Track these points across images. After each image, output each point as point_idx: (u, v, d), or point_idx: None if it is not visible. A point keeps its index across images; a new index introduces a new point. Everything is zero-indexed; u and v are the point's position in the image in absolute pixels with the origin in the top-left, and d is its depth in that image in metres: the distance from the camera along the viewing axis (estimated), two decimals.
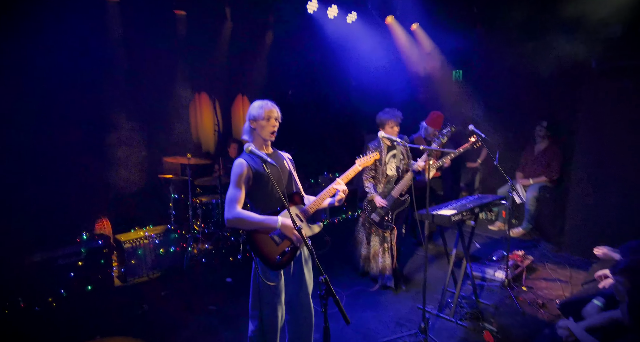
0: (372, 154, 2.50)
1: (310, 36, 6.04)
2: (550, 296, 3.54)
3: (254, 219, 2.08)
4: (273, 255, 2.13)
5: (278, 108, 2.22)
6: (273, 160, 2.08)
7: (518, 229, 5.33)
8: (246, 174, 2.12)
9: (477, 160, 6.12)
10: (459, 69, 6.71)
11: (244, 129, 2.23)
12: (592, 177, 4.46)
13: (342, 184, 2.28)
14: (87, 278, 3.61)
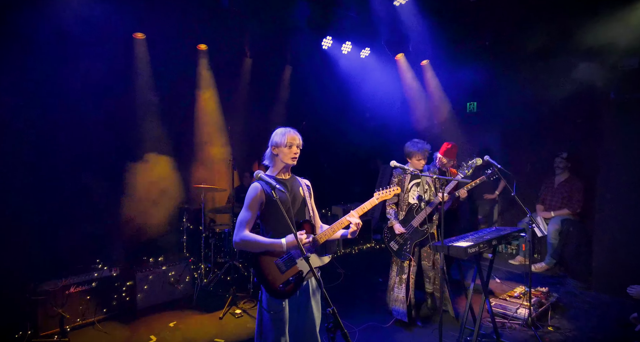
0: (393, 188, 2.45)
1: (325, 71, 6.26)
2: (581, 339, 3.28)
3: (261, 241, 2.09)
4: (276, 283, 2.09)
5: (300, 135, 2.29)
6: (285, 187, 2.11)
7: (541, 264, 5.07)
8: (259, 197, 2.14)
9: (494, 192, 5.98)
10: (473, 101, 6.76)
11: (266, 154, 2.29)
12: (618, 211, 4.27)
13: (356, 216, 2.24)
14: (98, 307, 3.60)
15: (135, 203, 4.41)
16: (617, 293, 4.05)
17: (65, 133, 3.93)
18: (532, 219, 3.55)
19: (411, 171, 3.20)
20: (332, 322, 1.67)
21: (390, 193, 2.42)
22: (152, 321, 3.67)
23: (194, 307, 3.98)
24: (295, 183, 2.32)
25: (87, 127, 4.06)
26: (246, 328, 3.51)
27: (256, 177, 2.01)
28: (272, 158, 2.27)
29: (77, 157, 4.01)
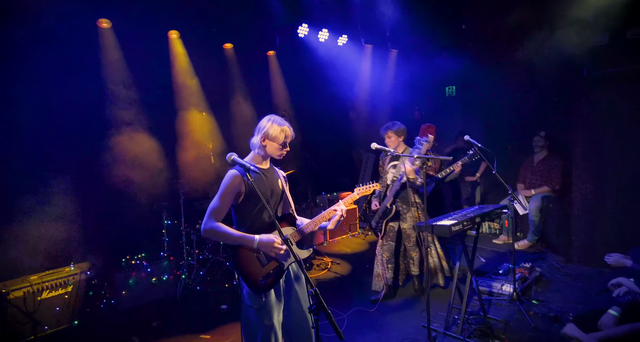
0: (372, 184, 2.42)
1: (305, 59, 6.15)
2: (563, 309, 3.34)
3: (232, 234, 1.99)
4: (257, 276, 2.01)
5: (293, 132, 2.18)
6: (263, 177, 2.03)
7: (523, 242, 5.16)
8: (236, 186, 2.01)
9: (476, 174, 6.04)
10: (452, 85, 6.79)
11: (253, 142, 2.15)
12: (594, 185, 4.37)
13: (342, 204, 2.19)
14: (74, 312, 3.44)
15: (110, 200, 4.23)
16: (596, 264, 4.16)
17: (31, 131, 3.72)
18: (513, 196, 3.58)
19: (391, 151, 3.17)
20: (315, 304, 1.61)
21: (370, 189, 2.38)
22: (135, 323, 3.54)
23: (178, 305, 3.87)
24: (274, 174, 2.23)
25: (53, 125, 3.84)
26: (233, 325, 3.42)
27: (229, 160, 1.92)
28: (260, 148, 2.13)
29: (44, 154, 3.79)
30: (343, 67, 6.46)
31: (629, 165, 4.15)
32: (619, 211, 4.20)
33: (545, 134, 5.11)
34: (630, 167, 4.15)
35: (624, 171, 4.19)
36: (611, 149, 4.27)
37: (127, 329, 3.40)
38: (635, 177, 4.12)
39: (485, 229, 6.02)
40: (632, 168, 4.14)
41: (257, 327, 2.04)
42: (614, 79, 4.26)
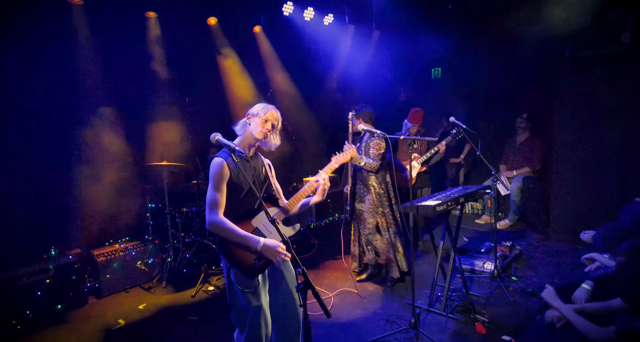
0: (348, 150, 2.42)
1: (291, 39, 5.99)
2: (540, 284, 3.48)
3: (237, 233, 1.95)
4: (248, 259, 2.00)
5: (280, 118, 2.17)
6: (247, 163, 2.01)
7: (505, 221, 5.32)
8: (224, 173, 1.99)
9: (460, 156, 6.12)
10: (438, 67, 6.77)
11: (240, 121, 2.17)
12: (572, 165, 4.49)
13: (323, 173, 2.19)
14: (57, 296, 3.38)
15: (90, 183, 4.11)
16: (572, 241, 4.34)
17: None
18: (497, 177, 3.65)
19: (377, 133, 3.17)
20: (302, 283, 1.62)
21: (346, 155, 2.39)
22: (120, 305, 3.52)
23: (164, 288, 3.86)
24: (259, 162, 2.22)
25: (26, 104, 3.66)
26: (220, 304, 3.44)
27: (213, 140, 1.87)
28: (244, 126, 2.14)
29: (25, 134, 3.63)
30: (329, 48, 6.34)
31: (608, 146, 4.27)
32: (595, 190, 4.34)
33: (527, 116, 5.19)
34: (609, 147, 4.27)
35: (601, 151, 4.31)
36: (590, 130, 4.37)
37: (112, 312, 3.38)
38: (612, 157, 4.25)
39: (468, 210, 6.16)
40: (610, 149, 4.26)
41: (245, 310, 2.05)
42: (595, 61, 4.33)
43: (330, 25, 6.04)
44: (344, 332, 2.91)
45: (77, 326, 3.18)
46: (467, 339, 2.74)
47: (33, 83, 3.67)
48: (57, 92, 3.84)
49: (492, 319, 2.94)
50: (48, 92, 3.76)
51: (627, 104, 4.13)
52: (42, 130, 3.76)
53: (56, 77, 3.82)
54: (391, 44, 6.79)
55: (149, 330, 3.09)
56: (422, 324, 2.90)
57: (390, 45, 6.81)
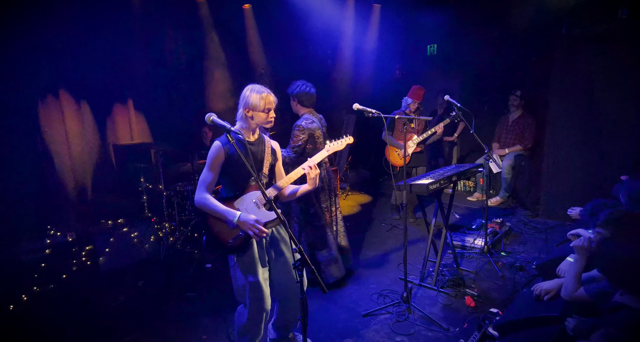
0: (345, 138, 2.39)
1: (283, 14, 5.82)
2: (527, 259, 3.61)
3: (216, 209, 2.01)
4: (225, 237, 2.05)
5: (275, 97, 2.13)
6: (246, 148, 2.00)
7: (496, 199, 5.42)
8: (220, 157, 2.04)
9: (453, 134, 6.15)
10: (434, 44, 6.67)
11: (238, 115, 2.12)
12: (563, 143, 4.54)
13: (309, 161, 2.16)
14: (58, 273, 3.43)
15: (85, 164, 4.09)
16: (560, 217, 4.46)
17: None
18: (489, 155, 3.69)
19: (373, 113, 3.15)
20: (299, 261, 1.66)
21: (342, 144, 2.35)
22: (119, 283, 3.58)
23: (162, 265, 3.92)
24: (261, 146, 2.20)
25: None
26: (217, 282, 3.52)
27: (208, 120, 1.86)
28: (245, 120, 2.11)
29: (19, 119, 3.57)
30: (324, 24, 6.18)
31: (601, 123, 4.30)
32: (585, 168, 4.42)
33: (520, 93, 5.18)
34: (602, 125, 4.31)
35: (594, 129, 4.35)
36: (584, 107, 4.40)
37: (112, 289, 3.45)
38: (604, 135, 4.30)
39: (460, 187, 6.26)
40: (603, 126, 4.30)
41: (244, 284, 2.12)
42: (591, 38, 4.28)
43: (326, 1, 5.87)
44: (339, 306, 3.01)
45: (78, 302, 3.24)
46: (457, 311, 2.86)
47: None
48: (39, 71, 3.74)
49: (481, 292, 3.07)
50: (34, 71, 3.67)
51: (622, 80, 4.13)
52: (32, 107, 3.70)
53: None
54: (388, 20, 6.64)
55: (149, 306, 3.17)
56: (414, 298, 3.02)
57: (387, 20, 6.66)
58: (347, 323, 2.78)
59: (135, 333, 2.78)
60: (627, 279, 1.61)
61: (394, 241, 4.35)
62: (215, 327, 2.79)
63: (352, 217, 5.33)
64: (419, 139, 4.33)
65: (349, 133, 2.54)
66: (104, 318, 3.01)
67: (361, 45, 6.89)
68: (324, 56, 7.01)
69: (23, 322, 2.98)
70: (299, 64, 6.45)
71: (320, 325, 2.76)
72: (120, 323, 2.92)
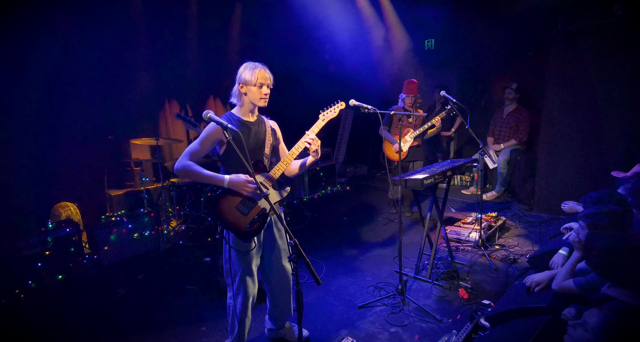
0: (338, 104, 2.40)
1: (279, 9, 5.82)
2: (521, 252, 3.68)
3: (203, 173, 2.04)
4: (243, 225, 2.09)
5: (270, 73, 2.13)
6: (247, 128, 2.04)
7: (491, 193, 5.48)
8: (215, 136, 2.07)
9: (450, 129, 6.18)
10: (431, 38, 6.67)
11: (233, 91, 2.15)
12: (558, 138, 4.58)
13: (311, 133, 2.18)
14: (57, 267, 3.49)
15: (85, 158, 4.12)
16: (554, 211, 4.52)
17: None
18: (484, 150, 3.73)
19: (369, 109, 3.17)
20: (294, 253, 1.71)
21: (335, 111, 2.35)
22: (119, 276, 3.64)
23: (161, 259, 3.98)
24: (261, 126, 2.22)
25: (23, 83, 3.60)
26: (215, 274, 3.58)
27: (205, 118, 1.89)
28: (240, 97, 2.13)
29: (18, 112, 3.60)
30: (321, 18, 6.18)
31: (597, 118, 4.34)
32: (579, 162, 4.47)
33: (516, 87, 5.20)
34: (596, 120, 4.35)
35: (589, 124, 4.39)
36: (578, 103, 4.43)
37: (112, 282, 3.51)
38: (598, 130, 4.34)
39: (457, 181, 6.31)
40: (597, 122, 4.34)
41: (236, 269, 2.18)
42: (587, 33, 4.31)
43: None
44: (335, 298, 3.08)
45: (79, 295, 3.30)
46: (451, 303, 2.93)
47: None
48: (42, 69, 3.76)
49: (475, 285, 3.13)
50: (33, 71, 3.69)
51: (617, 75, 4.16)
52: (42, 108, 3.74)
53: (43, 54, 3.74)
54: (385, 15, 6.63)
55: (148, 299, 3.22)
56: (408, 291, 3.08)
57: (384, 15, 6.65)
58: (343, 314, 2.84)
59: (135, 326, 2.84)
60: (615, 271, 1.65)
61: (390, 234, 4.41)
62: (214, 319, 2.85)
63: (349, 211, 5.38)
64: (416, 133, 4.37)
65: (347, 127, 2.57)
66: (104, 311, 3.07)
67: (358, 39, 6.89)
68: (320, 51, 7.02)
69: (24, 316, 3.03)
70: (296, 58, 6.46)
71: (317, 316, 2.82)
72: (121, 316, 2.98)
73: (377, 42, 6.89)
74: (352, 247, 4.06)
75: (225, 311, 2.38)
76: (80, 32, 4.06)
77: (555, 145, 4.60)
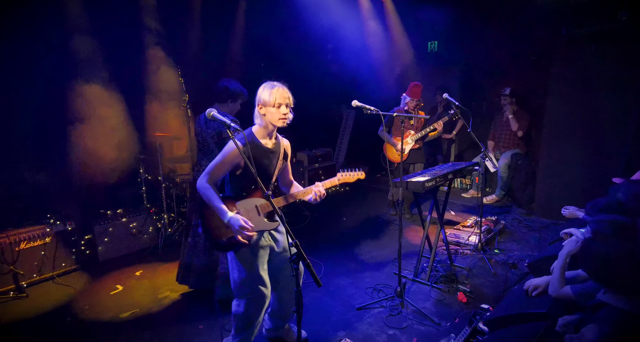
0: (358, 172, 2.37)
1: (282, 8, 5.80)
2: (520, 257, 3.67)
3: (213, 203, 2.01)
4: (221, 235, 2.09)
5: (290, 93, 2.09)
6: (265, 156, 2.06)
7: (492, 197, 5.47)
8: (234, 158, 2.03)
9: (452, 132, 6.18)
10: (434, 40, 6.66)
11: (254, 114, 2.11)
12: (559, 142, 4.58)
13: (322, 187, 2.20)
14: (57, 262, 3.48)
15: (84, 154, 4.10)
16: (554, 216, 4.51)
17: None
18: (485, 154, 3.73)
19: (371, 110, 3.17)
20: (295, 254, 1.70)
21: (353, 177, 2.35)
22: (117, 272, 3.64)
23: (159, 256, 3.97)
24: (277, 153, 2.19)
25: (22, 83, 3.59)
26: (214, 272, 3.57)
27: (208, 116, 1.88)
28: (260, 118, 2.08)
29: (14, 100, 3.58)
30: (323, 19, 6.16)
31: (598, 124, 4.33)
32: (580, 168, 4.46)
33: (510, 91, 5.18)
34: (598, 125, 4.34)
35: (590, 129, 4.39)
36: (581, 108, 4.43)
37: (110, 278, 3.50)
38: (600, 136, 4.34)
39: (457, 184, 6.31)
40: (599, 127, 4.34)
41: (242, 276, 2.15)
42: (591, 38, 4.31)
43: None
44: (334, 299, 3.07)
45: (76, 291, 3.29)
46: (449, 307, 2.92)
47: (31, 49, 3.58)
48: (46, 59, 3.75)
49: (474, 289, 3.13)
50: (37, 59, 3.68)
51: (620, 81, 4.16)
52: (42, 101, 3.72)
53: (48, 42, 3.72)
54: (388, 16, 6.62)
55: (146, 295, 3.21)
56: (407, 293, 3.08)
57: (387, 17, 6.64)
58: (341, 316, 2.84)
59: (131, 322, 2.83)
60: (610, 278, 1.65)
61: (389, 236, 4.41)
62: (211, 317, 2.84)
63: (349, 212, 5.38)
64: (417, 136, 4.36)
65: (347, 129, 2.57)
66: (100, 307, 3.06)
67: (361, 40, 6.88)
68: (323, 51, 7.00)
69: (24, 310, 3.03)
70: (298, 58, 6.45)
71: (315, 317, 2.82)
72: (119, 312, 2.97)
73: (379, 43, 6.87)
74: (351, 248, 4.06)
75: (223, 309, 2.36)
76: None
77: (557, 150, 4.60)
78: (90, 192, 4.21)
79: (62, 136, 3.96)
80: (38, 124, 3.76)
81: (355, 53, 6.97)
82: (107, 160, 4.24)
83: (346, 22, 6.49)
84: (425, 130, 4.29)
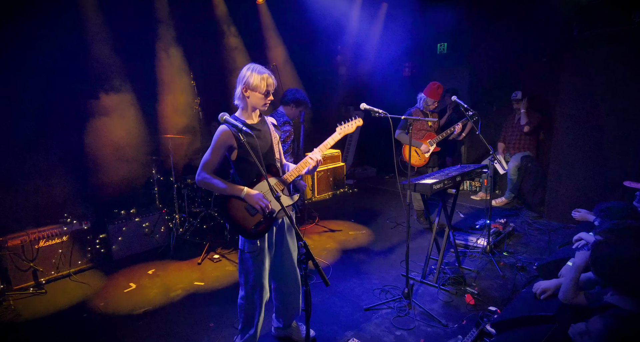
0: (355, 120, 2.44)
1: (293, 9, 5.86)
2: (529, 260, 3.66)
3: (220, 185, 2.09)
4: (248, 225, 2.14)
5: (275, 80, 2.15)
6: (254, 131, 2.06)
7: (501, 199, 5.44)
8: (225, 141, 2.07)
9: (461, 134, 6.15)
10: (444, 42, 6.66)
11: (236, 94, 2.14)
12: (569, 145, 4.54)
13: (318, 153, 2.23)
14: (72, 260, 3.59)
15: (100, 156, 4.22)
16: (564, 220, 4.48)
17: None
18: (494, 156, 3.72)
19: (380, 113, 3.20)
20: (304, 255, 1.75)
21: (352, 126, 2.38)
22: (130, 270, 3.73)
23: (171, 255, 4.05)
24: (265, 126, 2.25)
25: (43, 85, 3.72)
26: (225, 270, 3.64)
27: (221, 120, 1.94)
28: (243, 99, 2.13)
29: (37, 112, 3.71)
30: (333, 21, 6.21)
31: (610, 127, 4.29)
32: (591, 170, 4.42)
33: (521, 94, 5.15)
34: (609, 128, 4.30)
35: (602, 132, 4.35)
36: (592, 110, 4.38)
37: (124, 276, 3.60)
38: (611, 139, 4.29)
39: (466, 187, 6.28)
40: (610, 130, 4.29)
41: (250, 271, 2.23)
42: (603, 40, 4.26)
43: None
44: (342, 300, 3.11)
45: (92, 288, 3.39)
46: (457, 309, 2.94)
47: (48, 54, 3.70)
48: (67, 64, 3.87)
49: (481, 291, 3.13)
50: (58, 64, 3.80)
51: (632, 83, 4.11)
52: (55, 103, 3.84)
53: (67, 49, 3.85)
54: (397, 18, 6.64)
55: (158, 293, 3.29)
56: (415, 295, 3.10)
57: (397, 18, 6.66)
58: (349, 316, 2.87)
59: (145, 319, 2.91)
60: (619, 280, 1.67)
61: (397, 238, 4.42)
62: (222, 315, 2.91)
63: (357, 213, 5.40)
64: (440, 138, 4.30)
65: (356, 132, 2.61)
66: (113, 304, 3.15)
67: (370, 42, 6.91)
68: (332, 52, 7.05)
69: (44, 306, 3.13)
70: (307, 59, 6.49)
71: (323, 317, 2.86)
72: (132, 309, 3.05)
73: (389, 44, 6.89)
74: (359, 249, 4.08)
75: (234, 307, 2.42)
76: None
77: (567, 152, 4.56)
78: (104, 193, 4.33)
79: (78, 140, 4.08)
80: (57, 127, 3.88)
81: (364, 55, 7.01)
82: (121, 162, 4.36)
83: (354, 23, 6.53)
84: (446, 132, 4.24)
